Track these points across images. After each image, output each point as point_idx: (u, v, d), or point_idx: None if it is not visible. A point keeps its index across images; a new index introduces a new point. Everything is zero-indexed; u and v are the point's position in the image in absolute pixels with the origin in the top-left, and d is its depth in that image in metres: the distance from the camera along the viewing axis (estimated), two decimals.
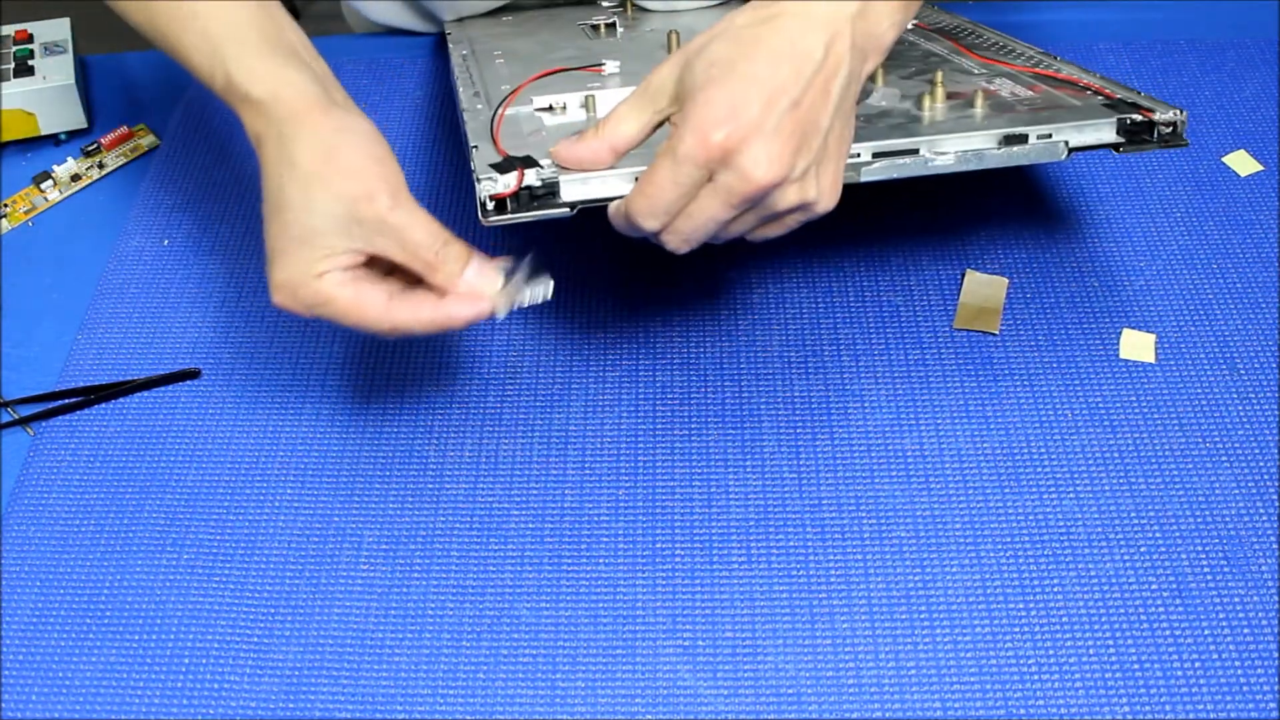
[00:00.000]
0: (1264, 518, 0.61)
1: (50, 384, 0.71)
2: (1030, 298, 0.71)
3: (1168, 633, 0.58)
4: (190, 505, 0.65)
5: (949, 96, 0.65)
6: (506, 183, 0.57)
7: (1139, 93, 0.64)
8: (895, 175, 0.60)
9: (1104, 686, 0.56)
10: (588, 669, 0.58)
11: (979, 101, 0.64)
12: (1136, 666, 0.57)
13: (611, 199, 0.58)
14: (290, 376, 0.70)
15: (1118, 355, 0.68)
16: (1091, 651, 0.57)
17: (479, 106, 0.68)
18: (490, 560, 0.62)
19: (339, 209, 0.55)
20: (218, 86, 0.59)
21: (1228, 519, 0.62)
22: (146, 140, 0.85)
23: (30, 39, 0.86)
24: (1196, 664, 0.57)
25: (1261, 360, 0.68)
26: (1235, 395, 0.66)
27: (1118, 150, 0.62)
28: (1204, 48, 0.86)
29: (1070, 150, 0.61)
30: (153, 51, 0.92)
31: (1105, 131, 0.62)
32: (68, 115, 0.84)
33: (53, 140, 0.86)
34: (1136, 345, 0.69)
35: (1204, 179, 0.77)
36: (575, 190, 0.58)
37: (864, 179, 0.60)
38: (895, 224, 0.75)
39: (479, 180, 0.58)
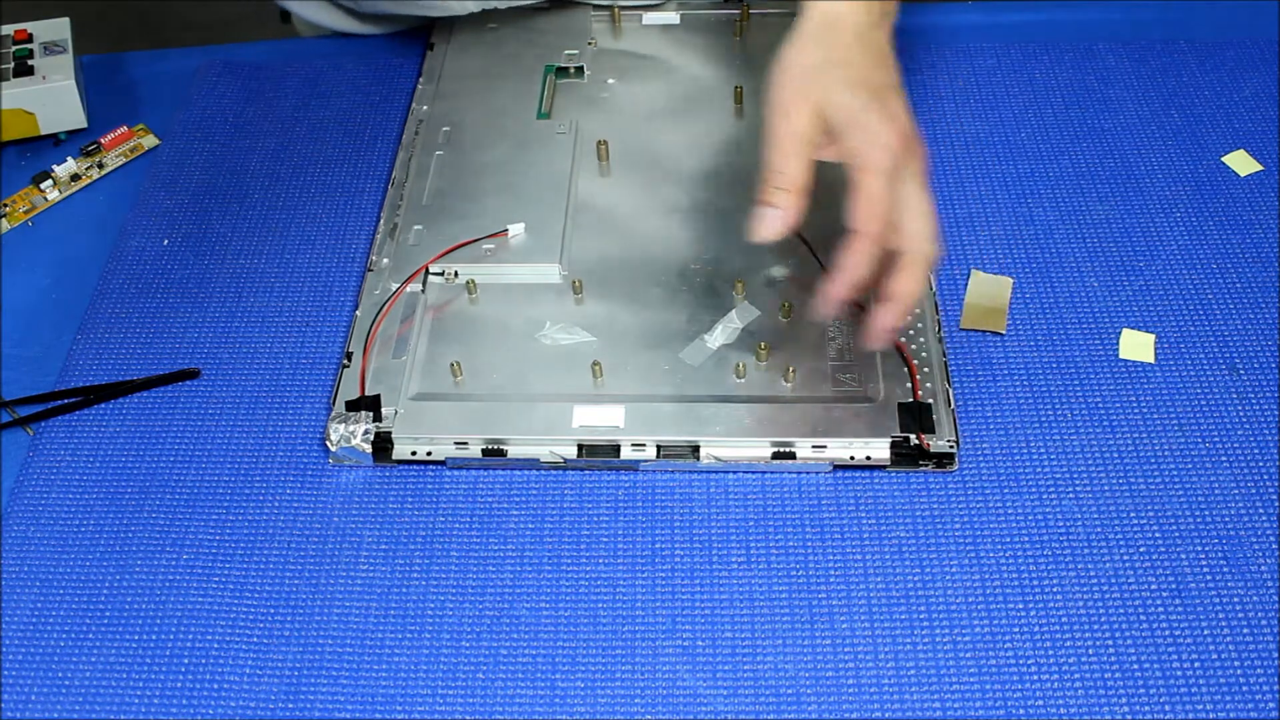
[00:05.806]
0: (1264, 518, 0.61)
1: (50, 384, 0.71)
2: (1030, 297, 0.71)
3: (1167, 633, 0.58)
4: (190, 505, 0.65)
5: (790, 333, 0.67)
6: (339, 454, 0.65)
7: (950, 403, 0.64)
8: (671, 469, 0.64)
9: (1104, 686, 0.56)
10: (587, 669, 0.58)
11: (790, 375, 0.65)
12: (1136, 666, 0.57)
13: (442, 459, 0.64)
14: (290, 376, 0.70)
15: (1118, 355, 0.68)
16: (1091, 651, 0.57)
17: (385, 262, 0.72)
18: (490, 560, 0.62)
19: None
20: None
21: (1228, 519, 0.62)
22: (146, 140, 0.85)
23: (30, 39, 0.86)
24: (1196, 664, 0.57)
25: (1261, 360, 0.68)
26: (1235, 395, 0.66)
27: (885, 469, 0.63)
28: (1204, 48, 0.86)
29: (835, 468, 0.64)
30: (153, 51, 0.93)
31: (878, 449, 0.63)
32: (68, 115, 0.84)
33: (53, 140, 0.86)
34: (1136, 345, 0.69)
35: (1204, 179, 0.77)
36: (406, 449, 0.64)
37: (641, 470, 0.64)
38: None
39: (328, 434, 0.64)
